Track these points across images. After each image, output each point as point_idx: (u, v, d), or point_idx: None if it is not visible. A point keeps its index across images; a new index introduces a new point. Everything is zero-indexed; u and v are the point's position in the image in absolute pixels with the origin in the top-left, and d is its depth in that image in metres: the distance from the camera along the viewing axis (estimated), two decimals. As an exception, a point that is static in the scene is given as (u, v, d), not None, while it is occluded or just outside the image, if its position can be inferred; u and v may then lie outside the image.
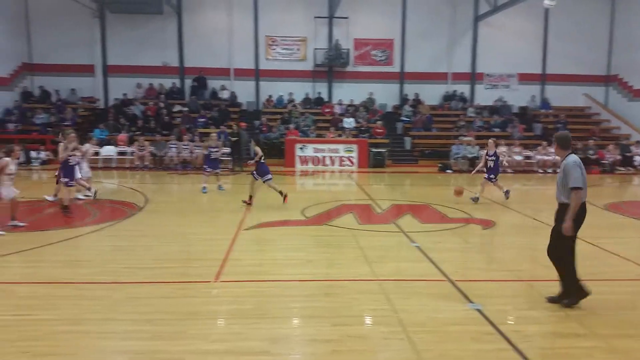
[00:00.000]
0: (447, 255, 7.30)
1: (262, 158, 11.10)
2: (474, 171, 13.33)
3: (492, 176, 12.08)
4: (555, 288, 5.38)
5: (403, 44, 24.52)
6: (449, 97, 24.82)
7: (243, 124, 20.14)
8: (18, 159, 8.99)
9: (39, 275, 6.35)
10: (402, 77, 24.80)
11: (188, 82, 24.07)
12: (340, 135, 21.15)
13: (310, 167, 19.61)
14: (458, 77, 24.86)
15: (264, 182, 11.17)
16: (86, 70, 23.27)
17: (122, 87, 23.45)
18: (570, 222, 5.00)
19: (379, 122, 22.49)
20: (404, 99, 24.57)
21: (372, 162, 20.15)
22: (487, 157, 12.19)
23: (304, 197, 13.02)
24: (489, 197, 12.51)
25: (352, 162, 19.93)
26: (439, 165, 19.95)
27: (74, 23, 22.71)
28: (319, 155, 19.93)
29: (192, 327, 4.77)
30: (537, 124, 23.03)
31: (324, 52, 24.01)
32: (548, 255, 5.37)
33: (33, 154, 18.67)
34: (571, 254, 5.21)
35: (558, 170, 5.42)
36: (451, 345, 4.46)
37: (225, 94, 23.76)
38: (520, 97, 24.86)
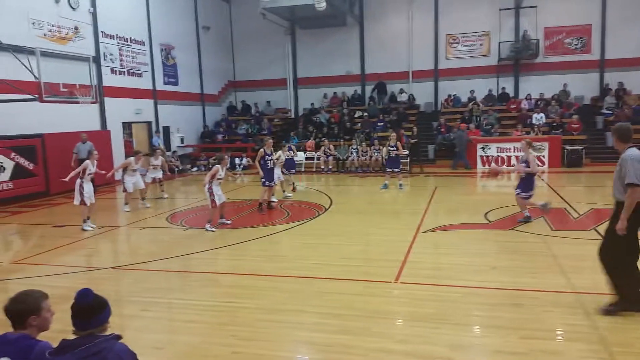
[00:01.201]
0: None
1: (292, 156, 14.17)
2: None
3: (520, 191, 9.04)
4: None
5: (603, 29, 21.65)
6: (664, 84, 21.09)
7: (463, 125, 19.81)
8: (227, 165, 10.36)
9: (243, 267, 7.24)
10: (602, 65, 21.91)
11: (368, 88, 24.87)
12: (528, 133, 19.56)
13: (493, 167, 18.53)
14: (675, 60, 20.98)
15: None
16: (279, 84, 25.70)
17: (310, 97, 25.37)
18: (625, 221, 4.61)
19: (575, 117, 20.15)
20: (605, 90, 21.66)
21: (567, 160, 18.21)
22: (520, 162, 9.25)
23: (486, 200, 12.40)
24: None
25: (542, 162, 18.26)
26: (653, 163, 17.06)
27: (269, 42, 25.26)
28: (504, 154, 18.75)
29: (375, 325, 4.95)
30: None
31: (509, 44, 22.54)
32: (599, 257, 5.00)
33: (237, 160, 21.27)
34: (630, 258, 4.80)
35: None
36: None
37: (403, 97, 23.94)
38: None
